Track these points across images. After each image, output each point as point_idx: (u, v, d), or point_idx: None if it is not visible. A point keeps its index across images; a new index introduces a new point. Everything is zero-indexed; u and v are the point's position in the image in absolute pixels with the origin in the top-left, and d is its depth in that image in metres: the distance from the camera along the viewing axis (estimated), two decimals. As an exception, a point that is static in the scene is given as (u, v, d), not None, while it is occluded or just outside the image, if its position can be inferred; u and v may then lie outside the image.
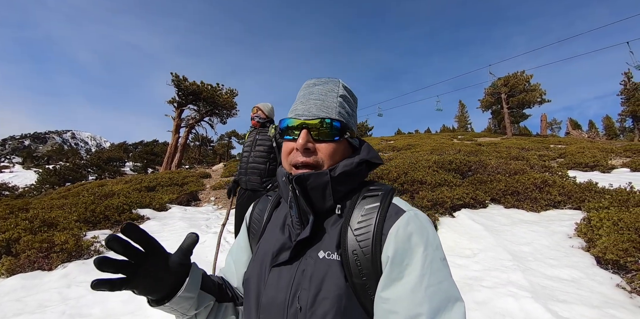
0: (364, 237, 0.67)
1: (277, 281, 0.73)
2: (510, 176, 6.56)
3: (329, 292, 0.66)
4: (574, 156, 10.53)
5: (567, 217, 4.83)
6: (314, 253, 0.71)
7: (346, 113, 0.80)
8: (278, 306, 0.70)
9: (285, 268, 0.73)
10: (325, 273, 0.68)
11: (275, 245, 0.78)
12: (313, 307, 0.65)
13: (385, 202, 0.71)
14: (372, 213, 0.70)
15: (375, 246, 0.66)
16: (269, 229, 0.86)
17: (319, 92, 0.80)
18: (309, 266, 0.70)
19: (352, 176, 0.76)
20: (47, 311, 2.87)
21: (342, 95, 0.81)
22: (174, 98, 21.57)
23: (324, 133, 0.75)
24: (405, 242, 0.65)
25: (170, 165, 20.97)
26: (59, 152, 57.55)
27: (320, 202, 0.74)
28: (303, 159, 0.74)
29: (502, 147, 13.55)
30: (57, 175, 23.70)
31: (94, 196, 8.01)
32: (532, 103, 27.53)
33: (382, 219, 0.68)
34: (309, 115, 0.76)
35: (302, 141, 0.73)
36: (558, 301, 2.72)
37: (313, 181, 0.72)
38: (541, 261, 3.54)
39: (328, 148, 0.75)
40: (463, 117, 57.25)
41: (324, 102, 0.78)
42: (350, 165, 0.75)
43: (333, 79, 0.84)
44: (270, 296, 0.72)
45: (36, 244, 4.11)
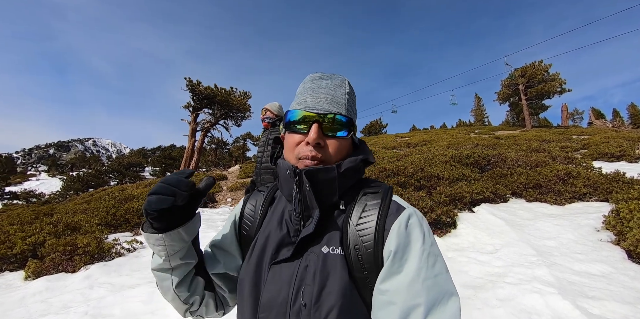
0: (366, 232, 0.69)
1: (279, 278, 0.71)
2: (532, 169, 6.34)
3: (334, 287, 0.66)
4: (599, 146, 10.09)
5: (594, 210, 4.62)
6: (317, 248, 0.71)
7: (352, 111, 0.81)
8: (280, 304, 0.68)
9: (286, 265, 0.72)
10: (330, 268, 0.68)
11: (274, 241, 0.77)
12: (318, 302, 0.65)
13: (387, 199, 0.73)
14: (374, 209, 0.71)
15: (377, 241, 0.67)
16: (264, 225, 0.83)
17: (328, 86, 0.78)
18: (311, 261, 0.70)
19: (355, 172, 0.77)
20: (71, 311, 2.94)
21: (349, 93, 0.81)
22: (189, 103, 21.93)
23: (334, 129, 0.75)
24: (406, 237, 0.67)
25: (187, 168, 21.36)
26: (81, 159, 59.55)
27: (326, 197, 0.74)
28: (314, 153, 0.73)
29: (521, 140, 13.14)
30: (81, 181, 24.50)
31: (115, 200, 8.22)
32: (551, 94, 26.55)
33: (385, 215, 0.70)
34: (321, 109, 0.75)
35: (315, 135, 0.72)
36: (587, 298, 2.58)
37: (322, 176, 0.72)
38: (567, 255, 3.38)
39: (337, 143, 0.75)
40: (479, 110, 55.97)
41: (334, 97, 0.77)
42: (355, 162, 0.76)
43: (339, 75, 0.83)
44: (271, 294, 0.70)
45: (60, 247, 4.23)
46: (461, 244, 3.98)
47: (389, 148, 16.80)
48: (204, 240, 4.45)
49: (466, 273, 3.18)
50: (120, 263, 4.18)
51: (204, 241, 3.31)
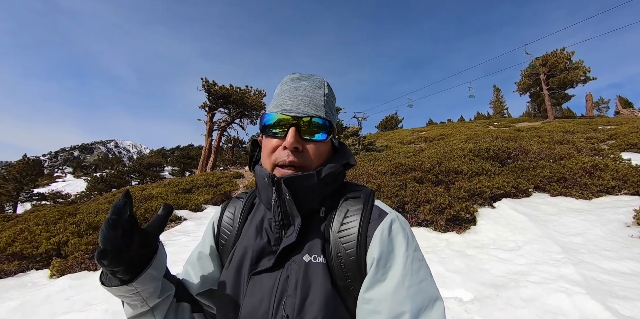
0: (348, 239, 0.66)
1: (259, 289, 0.68)
2: (555, 162, 6.09)
3: (316, 297, 0.63)
4: (627, 137, 9.61)
5: (623, 204, 4.38)
6: (299, 257, 0.68)
7: (331, 113, 0.77)
8: (262, 316, 0.65)
9: (267, 275, 0.69)
10: (312, 277, 0.65)
11: (254, 250, 0.73)
12: (301, 314, 0.62)
13: (368, 204, 0.71)
14: (356, 215, 0.69)
15: (360, 248, 0.65)
16: (244, 233, 0.79)
17: (306, 88, 0.75)
18: (293, 271, 0.67)
19: (336, 177, 0.74)
20: (92, 309, 3.02)
21: (327, 94, 0.77)
22: (205, 103, 22.26)
23: (313, 132, 0.71)
24: (389, 244, 0.65)
25: (205, 167, 21.72)
26: (104, 161, 61.62)
27: (307, 205, 0.71)
28: (291, 158, 0.69)
29: (543, 132, 12.67)
30: (104, 182, 25.33)
31: (134, 199, 8.42)
32: (575, 83, 25.46)
33: (367, 221, 0.68)
34: (298, 111, 0.70)
35: (292, 139, 0.68)
36: (618, 298, 2.44)
37: (301, 183, 0.68)
38: (595, 253, 3.21)
39: (316, 148, 0.72)
40: (499, 102, 54.40)
41: (312, 99, 0.73)
42: (335, 167, 0.72)
43: (317, 76, 0.80)
44: (251, 306, 0.67)
45: (82, 246, 4.36)
46: (481, 241, 3.85)
47: (405, 143, 16.56)
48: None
49: (487, 271, 3.07)
50: (140, 262, 4.28)
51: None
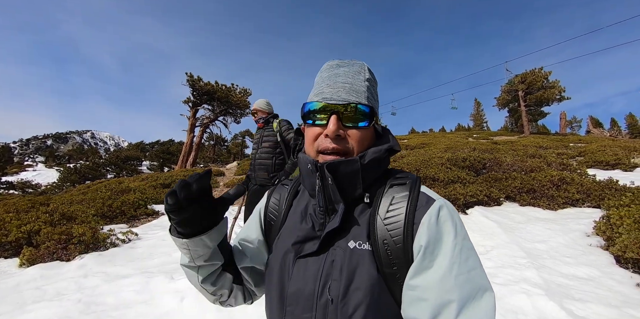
0: (394, 226, 0.65)
1: (304, 272, 0.70)
2: (526, 174, 6.41)
3: (361, 283, 0.64)
4: (594, 154, 10.18)
5: (586, 215, 4.68)
6: (344, 243, 0.69)
7: (373, 98, 0.76)
8: (307, 298, 0.68)
9: (312, 259, 0.71)
10: (357, 263, 0.66)
11: (299, 235, 0.75)
12: (345, 298, 0.64)
13: (415, 191, 0.69)
14: (402, 201, 0.67)
15: (407, 235, 0.64)
16: (289, 219, 0.82)
17: (346, 74, 0.74)
18: (338, 256, 0.68)
19: (380, 163, 0.73)
20: (64, 298, 2.96)
21: (369, 79, 0.76)
22: (189, 98, 21.94)
23: (354, 119, 0.71)
24: (437, 231, 0.64)
25: (185, 163, 21.36)
26: (79, 151, 59.37)
27: (350, 190, 0.71)
28: (334, 145, 0.71)
29: (518, 145, 13.23)
30: (78, 173, 24.44)
31: (111, 192, 8.23)
32: (550, 101, 26.72)
33: (414, 208, 0.66)
34: (339, 99, 0.71)
35: (334, 127, 0.69)
36: (574, 300, 2.64)
37: (344, 169, 0.69)
38: (557, 259, 3.44)
39: (358, 134, 0.72)
40: (479, 115, 56.18)
41: (352, 86, 0.73)
42: (379, 152, 0.72)
43: (357, 61, 0.78)
44: (296, 288, 0.70)
45: (55, 236, 4.25)
46: (453, 245, 4.04)
47: (387, 149, 16.83)
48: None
49: (457, 273, 3.23)
50: (115, 254, 4.21)
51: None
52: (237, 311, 2.70)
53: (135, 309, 2.77)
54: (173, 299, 2.89)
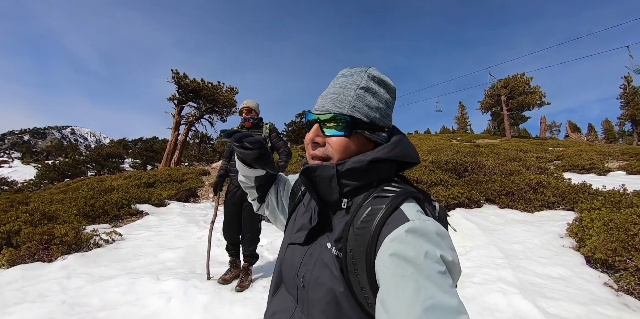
0: (362, 239, 0.64)
1: (291, 258, 0.82)
2: (506, 177, 6.64)
3: (326, 281, 0.69)
4: (571, 158, 10.60)
5: (560, 217, 4.91)
6: (323, 241, 0.75)
7: (365, 107, 0.75)
8: (291, 279, 0.79)
9: (298, 247, 0.81)
10: (327, 263, 0.71)
11: (297, 224, 0.87)
12: (311, 289, 0.71)
13: (391, 206, 0.65)
14: (375, 215, 0.65)
15: (369, 251, 0.63)
16: (300, 205, 0.93)
17: (339, 85, 0.78)
18: (315, 251, 0.75)
19: (362, 172, 0.73)
20: (47, 300, 2.93)
21: (365, 87, 0.76)
22: (174, 95, 21.57)
23: (333, 128, 0.75)
24: (391, 259, 0.58)
25: (169, 162, 21.01)
26: (58, 148, 57.46)
27: (326, 194, 0.75)
28: (312, 152, 0.78)
29: (500, 149, 13.62)
30: (56, 170, 23.69)
31: (94, 191, 8.07)
32: (531, 106, 27.56)
33: (381, 224, 0.63)
34: (322, 110, 0.76)
35: (311, 135, 0.78)
36: (546, 298, 2.79)
37: (320, 173, 0.74)
38: (532, 259, 3.61)
39: (337, 142, 0.75)
40: (463, 118, 57.30)
41: (339, 96, 0.76)
42: (361, 162, 0.71)
43: (362, 69, 0.79)
44: (286, 268, 0.83)
45: (37, 236, 4.17)
46: (435, 246, 4.18)
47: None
48: (185, 234, 4.43)
49: (438, 273, 3.36)
50: (99, 254, 4.16)
51: (186, 235, 3.42)
52: (224, 311, 2.74)
53: (121, 310, 2.76)
54: (160, 299, 2.90)
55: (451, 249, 0.60)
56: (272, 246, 4.46)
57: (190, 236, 4.96)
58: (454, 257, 0.60)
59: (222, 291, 3.08)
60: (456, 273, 0.60)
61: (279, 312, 0.81)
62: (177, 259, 3.98)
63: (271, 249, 4.36)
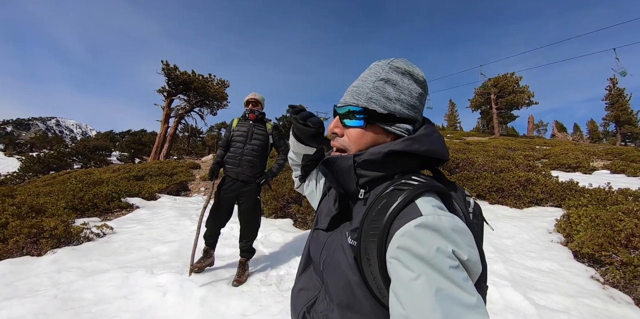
0: (375, 231, 0.64)
1: (315, 242, 0.87)
2: (496, 174, 6.76)
3: (342, 267, 0.72)
4: (558, 157, 10.85)
5: (548, 214, 5.04)
6: (345, 229, 0.77)
7: (383, 98, 0.74)
8: (317, 260, 0.83)
9: (322, 232, 0.85)
10: (344, 250, 0.73)
11: (325, 209, 0.90)
12: (329, 273, 0.75)
13: (404, 200, 0.64)
14: (389, 207, 0.64)
15: (380, 243, 0.62)
16: (330, 192, 0.94)
17: (361, 78, 0.79)
18: (336, 238, 0.78)
19: (378, 164, 0.73)
20: (39, 295, 2.88)
21: (384, 79, 0.75)
22: (163, 88, 21.20)
23: (349, 120, 0.77)
24: (400, 256, 0.58)
25: (158, 155, 20.72)
26: (42, 140, 55.97)
27: (345, 184, 0.77)
28: (332, 142, 0.83)
29: (489, 146, 13.84)
30: (41, 162, 23.12)
31: (82, 183, 7.92)
32: (520, 105, 28.05)
33: (392, 218, 0.63)
34: (342, 102, 0.80)
35: (331, 126, 0.82)
36: (536, 290, 2.88)
37: (338, 164, 0.77)
38: (522, 253, 3.71)
39: (352, 133, 0.78)
40: (453, 115, 57.90)
41: (358, 88, 0.77)
42: (377, 154, 0.71)
43: (387, 60, 0.79)
44: (313, 249, 0.88)
45: (25, 229, 4.07)
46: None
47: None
48: (178, 227, 4.39)
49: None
50: (90, 248, 4.09)
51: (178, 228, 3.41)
52: (221, 304, 2.74)
53: (116, 304, 2.74)
54: (155, 293, 2.88)
55: (469, 246, 0.59)
56: (267, 240, 4.46)
57: (184, 229, 4.91)
58: (471, 255, 0.58)
59: (218, 284, 3.08)
60: (474, 271, 0.59)
61: (306, 289, 0.86)
62: (171, 252, 3.95)
63: (266, 243, 4.36)
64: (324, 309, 0.75)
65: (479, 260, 0.60)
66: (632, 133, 32.43)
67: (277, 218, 5.66)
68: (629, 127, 31.87)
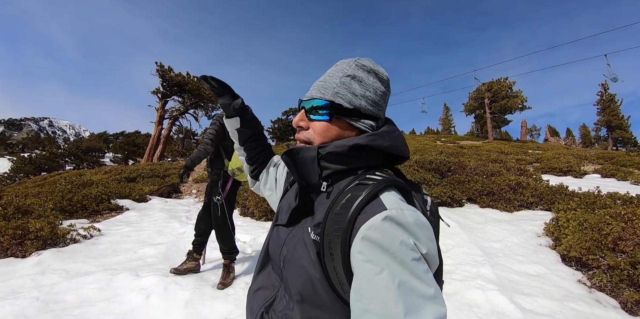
0: (338, 225, 0.64)
1: (276, 237, 0.84)
2: (487, 178, 6.79)
3: (303, 263, 0.70)
4: (550, 161, 10.94)
5: (538, 217, 5.06)
6: (306, 224, 0.75)
7: (349, 93, 0.75)
8: (276, 258, 0.80)
9: (282, 228, 0.82)
10: (306, 246, 0.71)
11: (285, 205, 0.88)
12: (290, 269, 0.73)
13: (369, 194, 0.64)
14: (353, 201, 0.64)
15: (345, 237, 0.62)
16: (292, 187, 0.93)
17: (328, 73, 0.80)
18: (297, 233, 0.76)
19: (342, 157, 0.73)
20: (20, 297, 2.82)
21: (351, 75, 0.76)
22: (158, 89, 21.09)
23: (314, 113, 0.77)
24: (364, 251, 0.59)
25: (152, 157, 20.57)
26: (35, 140, 55.36)
27: (307, 176, 0.76)
28: (297, 135, 0.82)
29: (482, 150, 13.93)
30: (33, 163, 22.85)
31: (72, 184, 7.82)
32: (513, 110, 28.34)
33: (357, 212, 0.62)
34: (308, 96, 0.80)
35: (296, 119, 0.81)
36: (523, 294, 2.88)
37: (302, 155, 0.76)
38: (510, 257, 3.71)
39: (318, 126, 0.77)
40: (447, 120, 58.32)
41: (325, 83, 0.78)
42: (342, 147, 0.72)
43: (354, 58, 0.81)
44: (272, 248, 0.85)
45: (10, 230, 4.00)
46: (418, 244, 4.25)
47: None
48: (166, 229, 4.35)
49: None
50: (76, 250, 4.03)
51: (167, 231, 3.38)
52: (205, 307, 2.70)
53: (98, 307, 2.69)
54: (138, 296, 2.83)
55: (429, 240, 0.60)
56: (255, 242, 4.42)
57: (172, 232, 4.86)
58: (430, 248, 0.60)
59: (203, 287, 3.04)
60: (432, 264, 0.61)
61: (264, 288, 0.83)
62: (158, 255, 3.90)
63: (254, 245, 4.33)
64: (283, 308, 0.74)
65: (437, 254, 0.63)
66: (623, 138, 32.87)
67: (268, 221, 5.64)
68: (620, 132, 32.33)
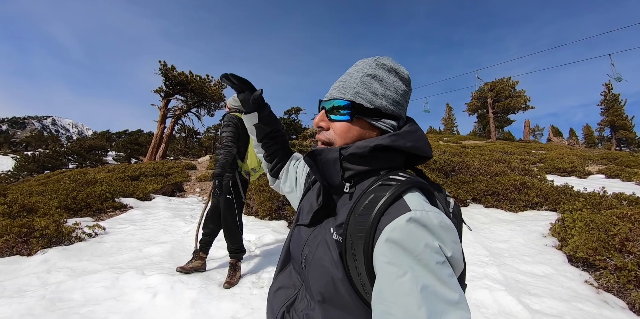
0: (362, 226, 0.63)
1: (297, 238, 0.83)
2: (492, 178, 6.77)
3: (325, 263, 0.69)
4: (554, 161, 10.89)
5: (543, 218, 5.03)
6: (329, 224, 0.74)
7: (370, 93, 0.75)
8: (298, 258, 0.80)
9: (304, 228, 0.82)
10: (328, 246, 0.70)
11: (306, 205, 0.88)
12: (311, 269, 0.72)
13: (393, 195, 0.63)
14: (377, 202, 0.63)
15: (367, 238, 0.61)
16: (314, 187, 0.91)
17: (348, 73, 0.80)
18: (319, 234, 0.75)
19: (364, 158, 0.73)
20: (26, 295, 2.83)
21: (371, 74, 0.76)
22: (160, 88, 21.10)
23: (335, 113, 0.77)
24: (387, 253, 0.58)
25: (154, 155, 20.60)
26: (38, 139, 55.58)
27: (330, 177, 0.75)
28: (318, 136, 0.81)
29: (485, 150, 13.88)
30: (36, 162, 22.91)
31: (76, 183, 7.84)
32: (516, 109, 28.23)
33: (381, 213, 0.62)
34: (328, 96, 0.80)
35: (316, 119, 0.80)
36: (530, 295, 2.86)
37: (324, 156, 0.75)
38: (516, 257, 3.69)
39: (339, 126, 0.77)
40: (450, 119, 58.12)
41: (345, 83, 0.77)
42: (363, 148, 0.71)
43: (374, 58, 0.80)
44: (293, 247, 0.84)
45: (15, 229, 4.02)
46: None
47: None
48: (171, 228, 4.35)
49: (425, 270, 3.41)
50: (82, 248, 4.04)
51: (171, 229, 3.37)
52: (212, 306, 2.70)
53: (105, 305, 2.69)
54: (145, 295, 2.83)
55: (454, 242, 0.59)
56: (260, 241, 4.42)
57: (177, 230, 4.87)
58: (455, 251, 0.59)
59: (209, 286, 3.03)
60: (457, 268, 0.60)
61: (284, 288, 0.83)
62: (163, 254, 3.90)
63: (259, 244, 4.32)
64: (305, 307, 0.74)
65: (462, 257, 0.61)
66: (627, 138, 32.69)
67: (272, 219, 5.62)
68: (624, 132, 32.14)
